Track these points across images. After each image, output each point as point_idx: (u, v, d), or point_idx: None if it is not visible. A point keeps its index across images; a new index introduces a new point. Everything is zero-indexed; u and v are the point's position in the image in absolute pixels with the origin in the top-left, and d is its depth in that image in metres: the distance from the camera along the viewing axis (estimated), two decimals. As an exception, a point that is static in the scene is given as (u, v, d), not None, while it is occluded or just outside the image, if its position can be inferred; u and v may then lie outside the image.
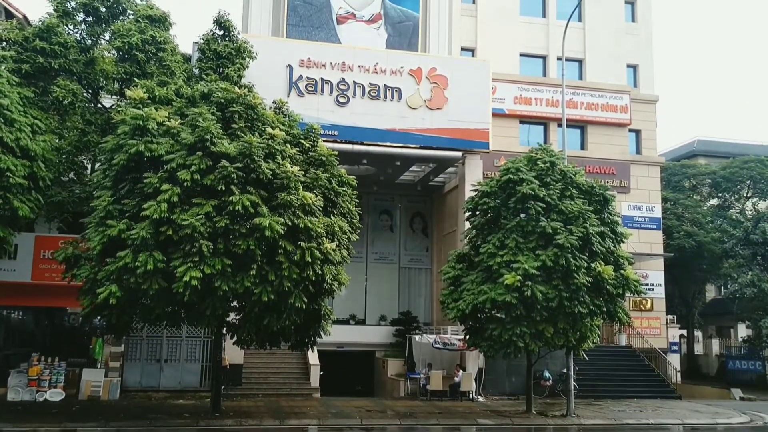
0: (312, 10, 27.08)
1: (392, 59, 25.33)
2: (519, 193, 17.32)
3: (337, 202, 16.55)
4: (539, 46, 30.74)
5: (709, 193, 37.75)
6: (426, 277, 30.77)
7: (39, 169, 16.19)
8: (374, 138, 24.57)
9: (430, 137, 24.99)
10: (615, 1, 31.50)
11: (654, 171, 30.24)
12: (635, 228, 28.26)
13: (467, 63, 27.60)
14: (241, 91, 16.29)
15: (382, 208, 31.03)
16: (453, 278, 18.51)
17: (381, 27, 27.72)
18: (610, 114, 29.48)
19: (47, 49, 18.36)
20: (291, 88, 24.20)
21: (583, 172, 19.07)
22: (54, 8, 19.51)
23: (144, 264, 13.07)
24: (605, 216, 18.20)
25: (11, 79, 16.35)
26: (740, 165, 35.97)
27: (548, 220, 16.91)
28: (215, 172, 13.81)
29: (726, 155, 40.26)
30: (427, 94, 25.19)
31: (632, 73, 31.67)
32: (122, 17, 20.33)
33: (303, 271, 13.94)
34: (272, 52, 24.03)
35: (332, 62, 24.70)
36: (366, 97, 24.75)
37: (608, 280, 16.83)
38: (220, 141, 14.22)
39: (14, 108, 15.69)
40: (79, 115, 18.53)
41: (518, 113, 28.69)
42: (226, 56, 20.40)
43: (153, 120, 14.50)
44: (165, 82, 18.32)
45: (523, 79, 29.23)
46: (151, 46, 19.16)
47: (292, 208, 14.13)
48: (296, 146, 16.54)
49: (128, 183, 14.37)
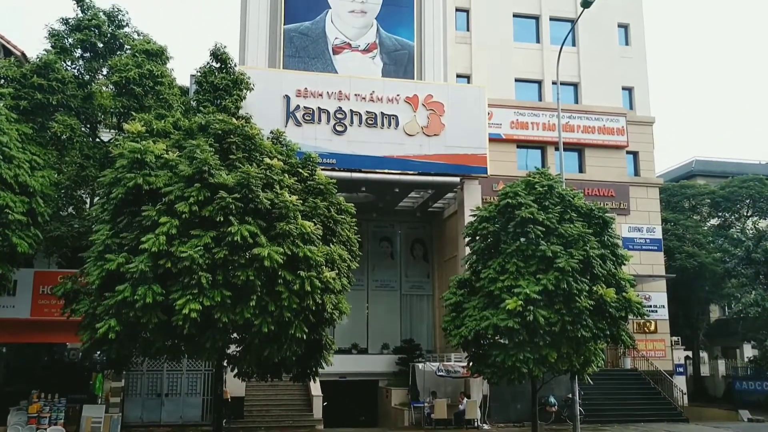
0: (308, 41, 27.36)
1: (388, 87, 25.53)
2: (518, 217, 17.27)
3: (337, 230, 16.49)
4: (534, 71, 30.99)
5: (709, 213, 37.72)
6: (428, 303, 30.62)
7: (38, 204, 16.20)
8: (372, 165, 24.65)
9: (427, 163, 25.08)
10: (608, 26, 31.82)
11: (653, 192, 30.28)
12: (636, 250, 28.19)
13: (463, 89, 27.81)
14: (238, 122, 16.34)
15: (382, 235, 31.00)
16: (454, 304, 18.39)
17: (377, 56, 27.98)
18: (606, 137, 29.62)
19: (45, 86, 18.48)
20: (288, 117, 24.34)
21: (581, 195, 19.06)
22: (52, 45, 19.69)
23: (143, 297, 12.97)
24: (605, 238, 18.11)
25: (9, 116, 16.44)
26: (739, 184, 36.02)
27: (548, 244, 16.84)
28: (213, 203, 13.77)
29: (724, 175, 40.34)
30: (423, 120, 25.33)
31: (628, 95, 31.89)
32: (120, 52, 20.51)
33: (303, 301, 13.82)
34: (269, 82, 24.24)
35: (329, 91, 24.90)
36: (363, 125, 24.89)
37: (610, 303, 16.70)
38: (218, 172, 14.21)
39: (13, 144, 15.75)
40: (77, 150, 18.59)
41: (515, 138, 28.82)
42: (223, 88, 20.54)
43: (151, 153, 14.49)
44: (163, 115, 18.41)
45: (519, 104, 29.42)
46: (148, 80, 19.29)
47: (291, 237, 14.06)
48: (294, 175, 16.54)
49: (127, 216, 14.32)
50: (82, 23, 19.97)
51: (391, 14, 28.20)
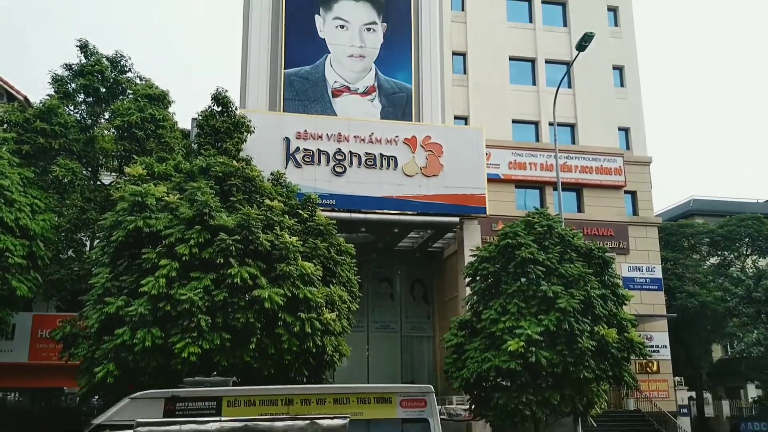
0: (308, 84, 27.73)
1: (387, 129, 25.80)
2: (518, 257, 17.27)
3: (337, 271, 16.50)
4: (531, 113, 31.31)
5: (709, 252, 37.69)
6: (428, 345, 30.37)
7: (38, 248, 16.22)
8: (372, 206, 24.75)
9: (427, 204, 25.19)
10: (603, 68, 32.28)
11: (652, 232, 30.33)
12: (636, 289, 28.11)
13: (461, 130, 28.08)
14: (239, 165, 16.49)
15: (382, 276, 30.92)
16: (456, 346, 18.24)
17: (375, 99, 28.32)
18: (604, 176, 29.81)
19: (48, 130, 18.68)
20: (288, 159, 24.52)
21: (581, 235, 19.09)
22: (55, 90, 19.97)
23: (142, 341, 12.89)
24: (606, 278, 18.09)
25: (12, 160, 16.58)
26: (737, 223, 36.07)
27: (549, 284, 16.80)
28: (214, 245, 13.78)
29: (722, 213, 40.42)
30: (422, 161, 25.53)
31: (624, 136, 32.16)
32: (122, 97, 20.79)
33: (303, 343, 13.75)
34: (270, 125, 24.50)
35: (328, 133, 25.14)
36: (362, 166, 25.07)
37: (612, 343, 16.58)
38: (219, 214, 14.28)
39: (14, 188, 15.86)
40: (78, 193, 18.68)
41: (513, 178, 29.00)
42: (224, 131, 20.75)
43: (152, 195, 14.57)
44: (164, 158, 18.56)
45: (517, 145, 29.68)
46: (150, 124, 19.51)
47: (291, 279, 14.05)
48: (294, 216, 16.63)
49: (127, 259, 14.32)
50: (85, 69, 20.28)
51: (389, 58, 28.64)
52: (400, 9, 29.21)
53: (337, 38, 28.38)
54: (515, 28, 32.03)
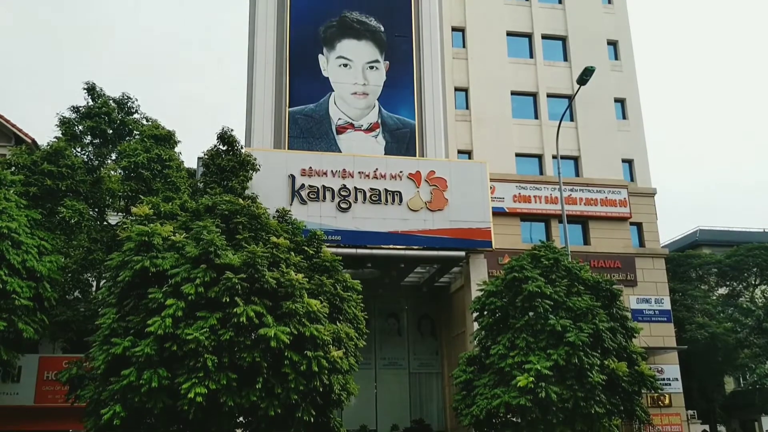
0: (312, 122, 28.01)
1: (391, 164, 25.95)
2: (525, 291, 17.19)
3: (343, 307, 16.40)
4: (534, 146, 31.38)
5: (717, 283, 37.42)
6: (437, 381, 30.06)
7: (44, 289, 16.24)
8: (377, 241, 24.77)
9: (432, 238, 25.20)
10: (604, 100, 32.45)
11: (659, 263, 30.16)
12: (645, 321, 27.83)
13: (465, 165, 28.20)
14: (245, 203, 16.55)
15: (389, 312, 30.78)
16: (465, 382, 18.05)
17: (379, 135, 28.56)
18: (609, 208, 29.79)
19: (55, 172, 18.85)
20: (294, 196, 24.65)
21: (588, 267, 19.01)
22: (63, 132, 20.22)
23: (148, 382, 12.80)
24: (614, 311, 17.98)
25: (19, 202, 16.70)
26: (745, 253, 35.87)
27: (557, 318, 16.69)
28: (219, 284, 13.76)
29: (729, 243, 40.24)
30: (427, 196, 25.62)
31: (628, 167, 32.17)
32: (129, 137, 21.03)
33: (310, 382, 13.61)
34: (275, 163, 24.70)
35: (333, 170, 25.31)
36: (367, 201, 25.16)
37: (623, 377, 16.41)
38: (225, 252, 14.28)
39: (22, 230, 15.95)
40: (85, 234, 18.78)
41: (518, 211, 28.99)
42: (230, 169, 20.92)
43: (158, 235, 14.61)
44: (170, 197, 18.68)
45: (521, 178, 29.72)
46: (156, 164, 19.69)
47: (297, 317, 13.97)
48: (300, 253, 16.61)
49: (133, 299, 14.29)
50: (92, 111, 20.57)
51: (392, 95, 28.95)
52: (401, 47, 29.64)
53: (340, 76, 28.76)
54: (516, 63, 32.37)
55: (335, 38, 29.13)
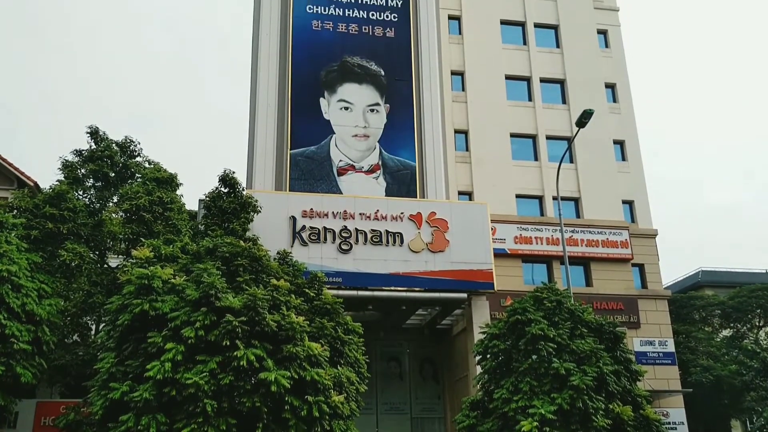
0: (313, 164, 28.18)
1: (392, 206, 26.01)
2: (529, 334, 17.02)
3: (344, 351, 16.25)
4: (534, 188, 31.50)
5: (720, 324, 37.14)
6: (440, 426, 29.57)
7: (43, 333, 16.11)
8: (378, 283, 24.67)
9: (434, 280, 25.09)
10: (604, 142, 32.70)
11: (662, 305, 29.96)
12: (650, 364, 27.55)
13: (466, 206, 28.26)
14: (246, 245, 16.54)
15: (391, 355, 30.46)
16: (468, 427, 17.70)
17: (380, 176, 28.70)
18: (611, 250, 29.74)
19: (56, 215, 18.90)
20: (295, 238, 24.64)
21: (590, 309, 18.87)
22: (65, 175, 20.33)
23: (147, 428, 12.60)
24: (618, 354, 17.76)
25: (21, 245, 16.69)
26: (748, 294, 35.70)
27: (561, 361, 16.48)
28: (220, 327, 13.66)
29: (731, 284, 40.10)
30: (428, 237, 25.60)
31: (628, 209, 32.23)
32: (131, 180, 21.13)
33: (311, 428, 13.40)
34: (276, 204, 24.77)
35: (334, 211, 25.36)
36: (368, 243, 25.15)
37: (628, 421, 16.10)
38: (225, 295, 14.21)
39: (22, 274, 15.90)
40: (85, 277, 18.73)
41: (520, 252, 28.95)
42: (231, 211, 20.97)
43: (158, 278, 14.56)
44: (171, 240, 18.67)
45: (522, 219, 29.77)
46: (158, 207, 19.73)
47: (298, 360, 13.83)
48: (301, 295, 16.54)
49: (132, 343, 14.17)
50: (95, 154, 20.72)
51: (392, 137, 29.19)
52: (402, 90, 30.00)
53: (341, 119, 29.04)
54: (515, 106, 32.72)
55: (336, 82, 29.52)
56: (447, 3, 33.54)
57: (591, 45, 34.58)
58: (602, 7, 35.81)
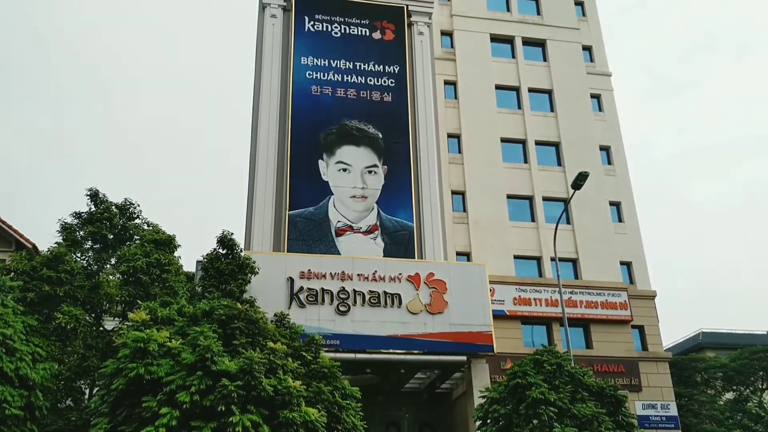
0: (311, 225, 28.29)
1: (390, 267, 25.98)
2: (529, 398, 16.79)
3: (342, 416, 15.94)
4: (532, 249, 31.54)
5: (723, 387, 36.60)
6: (439, 494, 28.75)
7: (36, 398, 15.80)
8: (376, 345, 24.42)
9: (433, 342, 24.85)
10: (600, 204, 32.94)
11: (663, 367, 29.62)
12: (652, 428, 27.06)
13: (464, 267, 28.22)
14: (242, 307, 16.45)
15: (389, 420, 29.83)
16: (468, 494, 17.31)
17: (378, 237, 28.76)
18: (610, 311, 29.58)
19: (54, 277, 18.83)
20: (292, 299, 24.52)
21: (591, 373, 18.68)
22: (63, 238, 20.35)
23: (139, 496, 12.28)
24: (620, 418, 17.50)
25: (16, 308, 16.56)
26: (750, 356, 35.29)
27: (562, 426, 16.21)
28: (215, 392, 13.45)
29: (733, 346, 39.70)
30: (426, 298, 25.49)
31: (626, 270, 32.22)
32: (129, 242, 21.15)
33: (308, 497, 13.06)
34: (274, 265, 24.73)
35: (332, 272, 25.30)
36: (366, 304, 25.01)
37: (634, 488, 15.76)
38: (221, 359, 14.05)
39: (17, 337, 15.71)
40: (80, 340, 18.53)
41: (519, 314, 28.77)
42: (229, 273, 20.92)
43: (154, 341, 14.42)
44: (168, 302, 18.56)
45: (521, 280, 29.70)
46: (155, 269, 19.70)
47: (294, 426, 13.59)
48: (298, 359, 16.34)
49: (126, 408, 13.91)
50: (94, 216, 20.79)
51: (390, 198, 29.42)
52: (399, 152, 30.40)
53: (339, 181, 29.32)
54: (511, 168, 33.09)
55: (335, 145, 29.93)
56: (443, 69, 34.37)
57: (584, 109, 35.25)
58: (595, 72, 36.69)
